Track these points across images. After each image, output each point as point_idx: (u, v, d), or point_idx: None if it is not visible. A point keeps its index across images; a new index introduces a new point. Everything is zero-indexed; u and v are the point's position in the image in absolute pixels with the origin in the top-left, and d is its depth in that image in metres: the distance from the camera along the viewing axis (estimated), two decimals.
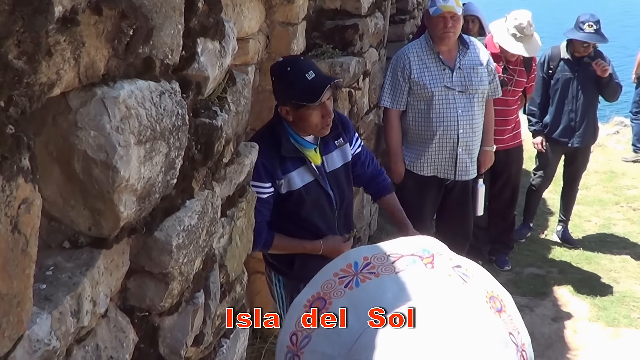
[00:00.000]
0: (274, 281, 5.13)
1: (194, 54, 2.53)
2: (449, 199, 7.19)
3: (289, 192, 4.73)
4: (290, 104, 4.59)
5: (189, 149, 2.53)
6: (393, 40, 10.25)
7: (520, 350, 1.48)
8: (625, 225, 10.80)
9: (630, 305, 8.26)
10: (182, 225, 2.48)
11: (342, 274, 1.53)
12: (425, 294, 1.46)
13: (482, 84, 6.86)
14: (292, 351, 1.48)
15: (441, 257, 1.56)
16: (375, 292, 1.47)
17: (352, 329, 1.42)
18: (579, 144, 9.06)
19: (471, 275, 1.55)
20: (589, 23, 8.66)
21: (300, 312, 1.51)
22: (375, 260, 1.54)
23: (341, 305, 1.48)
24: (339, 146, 4.97)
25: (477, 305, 1.48)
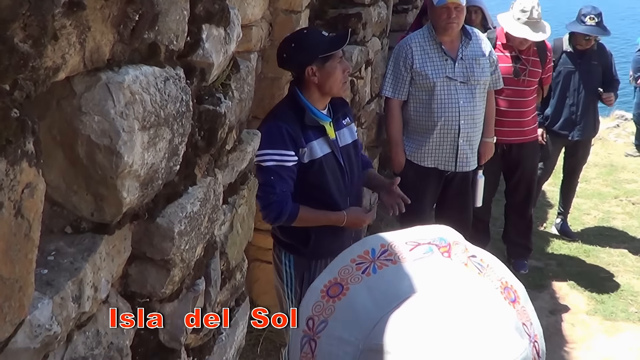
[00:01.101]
0: (283, 261, 5.12)
1: (198, 40, 2.52)
2: (449, 190, 7.17)
3: (311, 161, 4.82)
4: (317, 61, 4.74)
5: (193, 135, 2.53)
6: (396, 30, 10.23)
7: (533, 341, 1.48)
8: (624, 219, 10.80)
9: (628, 299, 8.26)
10: (184, 212, 2.48)
11: (359, 260, 1.53)
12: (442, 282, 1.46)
13: (484, 75, 6.85)
14: (309, 335, 1.47)
15: (457, 247, 1.55)
16: (393, 279, 1.47)
17: (370, 314, 1.41)
18: (580, 137, 9.05)
19: (486, 265, 1.55)
20: (590, 16, 8.65)
21: (318, 296, 1.51)
22: (392, 248, 1.54)
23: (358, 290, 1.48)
24: (347, 125, 5.13)
25: (492, 295, 1.48)
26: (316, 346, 1.46)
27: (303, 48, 4.82)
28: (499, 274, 1.54)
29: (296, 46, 4.83)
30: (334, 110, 5.02)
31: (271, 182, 4.61)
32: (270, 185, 4.61)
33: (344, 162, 5.01)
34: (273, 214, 4.70)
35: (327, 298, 1.49)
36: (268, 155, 4.62)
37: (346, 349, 1.40)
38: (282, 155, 4.65)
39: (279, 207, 4.68)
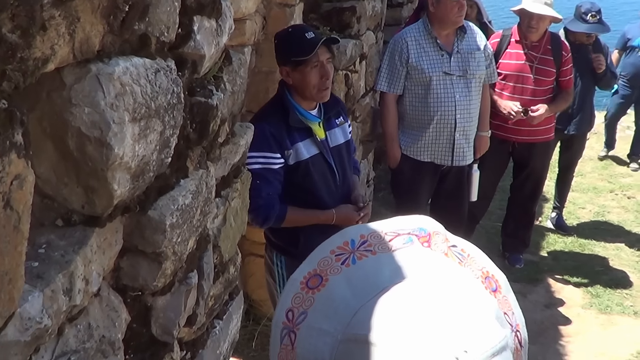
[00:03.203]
0: (275, 262, 5.13)
1: (190, 32, 2.51)
2: (445, 184, 7.18)
3: (297, 163, 4.81)
4: (290, 63, 4.76)
5: (184, 127, 2.52)
6: (391, 24, 10.22)
7: (515, 330, 1.48)
8: (619, 213, 10.83)
9: (623, 293, 8.29)
10: (176, 205, 2.47)
11: (339, 251, 1.53)
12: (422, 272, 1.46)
13: (479, 69, 6.85)
14: (288, 327, 1.47)
15: (437, 237, 1.55)
16: (372, 270, 1.47)
17: (349, 304, 1.41)
18: (575, 131, 9.05)
19: (467, 255, 1.55)
20: (591, 13, 8.63)
21: (297, 288, 1.51)
22: (372, 239, 1.54)
23: (338, 281, 1.47)
24: (340, 124, 5.12)
25: (473, 284, 1.48)
26: (296, 338, 1.46)
27: (280, 47, 4.86)
28: (480, 263, 1.54)
29: (277, 44, 4.88)
30: (325, 109, 5.01)
31: (257, 185, 4.54)
32: (256, 188, 4.52)
33: (334, 163, 5.01)
34: (260, 217, 4.71)
35: (307, 290, 1.49)
36: (253, 159, 4.58)
37: (325, 340, 1.40)
38: (268, 157, 4.66)
39: (266, 210, 4.69)
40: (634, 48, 12.34)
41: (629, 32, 12.55)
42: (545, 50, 7.84)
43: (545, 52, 7.83)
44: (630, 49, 12.40)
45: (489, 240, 9.19)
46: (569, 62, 7.96)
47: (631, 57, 12.40)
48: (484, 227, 9.35)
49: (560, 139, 9.13)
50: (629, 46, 12.43)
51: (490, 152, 7.59)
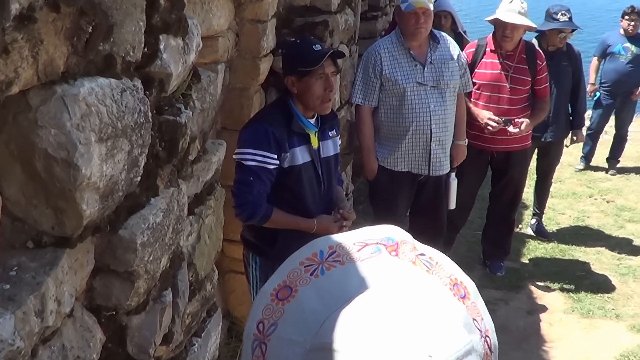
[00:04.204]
0: (250, 263, 5.19)
1: (156, 51, 2.51)
2: (423, 195, 7.17)
3: (291, 167, 4.89)
4: (296, 73, 4.84)
5: (153, 146, 2.52)
6: (365, 37, 10.25)
7: (484, 336, 1.49)
8: (599, 217, 10.88)
9: (604, 297, 8.31)
10: (146, 223, 2.47)
11: (308, 263, 1.55)
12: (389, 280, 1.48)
13: (453, 79, 6.86)
14: (259, 339, 1.49)
15: (405, 245, 1.57)
16: (340, 280, 1.49)
17: (318, 315, 1.43)
18: (552, 138, 9.09)
19: (435, 263, 1.57)
20: (562, 12, 8.71)
21: (267, 300, 1.52)
22: (340, 249, 1.56)
23: (307, 292, 1.49)
24: (332, 137, 5.22)
25: (441, 291, 1.50)
26: (267, 349, 1.47)
27: (287, 57, 4.97)
28: (448, 271, 1.55)
29: (284, 54, 5.03)
30: (322, 120, 5.09)
31: (250, 182, 4.71)
32: (248, 184, 4.71)
33: (322, 173, 5.09)
34: (246, 213, 4.79)
35: (277, 301, 1.51)
36: (251, 155, 4.71)
37: (295, 350, 1.42)
38: (265, 157, 4.74)
39: (253, 207, 4.76)
40: (614, 54, 12.42)
41: (609, 39, 12.63)
42: (520, 59, 7.85)
43: (520, 61, 7.85)
44: (611, 56, 12.48)
45: (470, 249, 9.22)
46: (544, 71, 7.99)
47: (612, 64, 12.48)
48: (464, 236, 9.36)
49: (537, 147, 9.17)
50: (609, 52, 12.51)
51: (469, 162, 7.61)
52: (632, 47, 12.26)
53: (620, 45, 12.34)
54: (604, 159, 13.18)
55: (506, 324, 7.56)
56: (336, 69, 5.01)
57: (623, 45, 12.32)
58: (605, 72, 12.63)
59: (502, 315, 7.73)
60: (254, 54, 5.36)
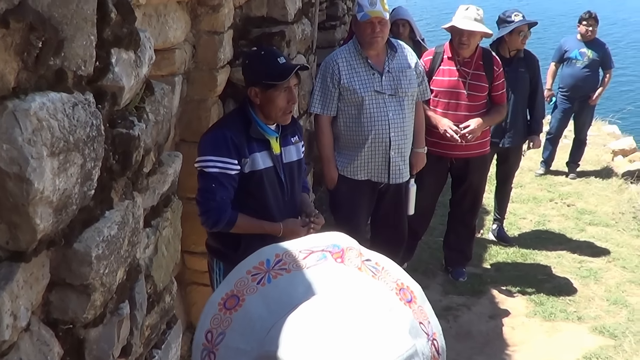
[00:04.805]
0: (214, 269, 5.25)
1: (108, 65, 2.52)
2: (383, 203, 7.21)
3: (252, 172, 4.94)
4: (260, 85, 4.91)
5: (107, 159, 2.52)
6: (324, 47, 10.29)
7: (432, 339, 1.52)
8: (559, 221, 10.98)
9: (566, 300, 8.39)
10: (101, 236, 2.47)
11: (254, 271, 1.57)
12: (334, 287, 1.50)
13: (411, 87, 6.90)
14: (208, 348, 1.51)
15: (351, 252, 1.59)
16: (287, 288, 1.51)
17: (265, 323, 1.45)
18: (510, 144, 9.17)
19: (381, 268, 1.59)
20: (514, 13, 8.88)
21: (215, 310, 1.54)
22: (286, 257, 1.58)
23: (254, 301, 1.51)
24: (295, 143, 5.28)
25: (386, 296, 1.52)
26: (215, 358, 1.49)
27: (251, 68, 5.01)
28: (394, 275, 1.58)
29: (248, 64, 5.04)
30: (283, 126, 5.14)
31: (212, 188, 4.77)
32: (211, 191, 4.77)
33: (285, 178, 5.14)
34: (211, 220, 4.84)
35: (224, 310, 1.52)
36: (212, 162, 4.78)
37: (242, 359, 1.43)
38: (226, 163, 4.80)
39: (217, 214, 4.81)
40: (571, 59, 12.53)
41: (566, 44, 12.74)
42: (478, 66, 7.91)
43: (477, 68, 7.90)
44: (568, 61, 12.58)
45: (432, 256, 9.27)
46: (501, 77, 8.05)
47: (569, 69, 12.58)
48: (426, 243, 9.42)
49: (496, 152, 9.24)
50: (566, 58, 12.61)
51: (428, 169, 7.65)
52: (588, 52, 12.38)
53: (577, 50, 12.45)
54: (564, 163, 13.31)
55: (469, 329, 7.61)
56: (298, 81, 5.06)
57: (580, 50, 12.44)
58: (562, 77, 12.75)
59: (465, 321, 7.78)
60: (211, 65, 5.37)
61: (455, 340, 7.35)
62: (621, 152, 14.80)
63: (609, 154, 14.67)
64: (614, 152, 14.75)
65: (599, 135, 16.16)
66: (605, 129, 16.96)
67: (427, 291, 8.02)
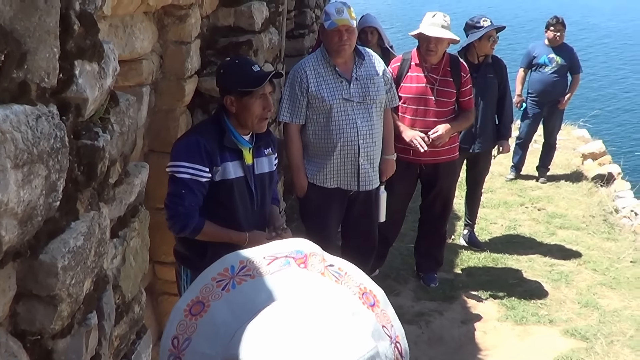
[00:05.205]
0: (182, 276, 5.27)
1: (71, 77, 2.52)
2: (353, 210, 7.23)
3: (222, 180, 4.98)
4: (235, 93, 4.98)
5: (72, 170, 2.52)
6: (293, 55, 10.31)
7: (394, 342, 1.54)
8: (530, 225, 11.06)
9: (538, 303, 8.46)
10: (67, 247, 2.47)
11: (219, 278, 1.59)
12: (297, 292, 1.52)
13: (379, 94, 6.93)
14: (174, 354, 1.53)
15: (314, 257, 1.62)
16: (251, 293, 1.53)
17: (229, 327, 1.47)
18: (480, 149, 9.24)
19: (344, 273, 1.61)
20: (482, 19, 8.96)
21: (181, 316, 1.56)
22: (250, 264, 1.60)
23: (219, 306, 1.53)
24: (268, 155, 5.32)
25: (349, 300, 1.54)
26: None
27: (226, 77, 5.07)
28: (357, 280, 1.60)
29: (223, 73, 5.10)
30: (257, 137, 5.19)
31: (182, 194, 4.79)
32: (180, 196, 4.80)
33: (255, 189, 5.16)
34: (178, 225, 4.86)
35: (190, 316, 1.54)
36: (183, 168, 4.81)
37: None
38: (197, 170, 4.84)
39: (185, 219, 4.84)
40: (540, 65, 12.60)
41: (534, 50, 12.83)
42: (445, 72, 7.96)
43: (445, 74, 7.95)
44: (537, 66, 12.66)
45: (404, 262, 9.31)
46: (469, 83, 8.11)
47: (538, 74, 12.67)
48: (397, 249, 9.45)
49: (465, 158, 9.30)
50: (534, 64, 12.69)
51: (398, 175, 7.67)
52: (557, 57, 12.48)
53: (546, 56, 12.55)
54: (534, 167, 13.39)
55: (441, 335, 7.65)
56: (273, 88, 5.15)
57: (548, 56, 12.54)
58: (531, 82, 12.84)
59: (437, 326, 7.81)
60: (178, 75, 5.38)
61: (427, 345, 7.39)
62: (591, 155, 14.90)
63: (578, 157, 14.77)
64: (584, 155, 14.85)
65: (568, 139, 16.27)
66: (574, 133, 17.07)
67: (399, 297, 8.13)
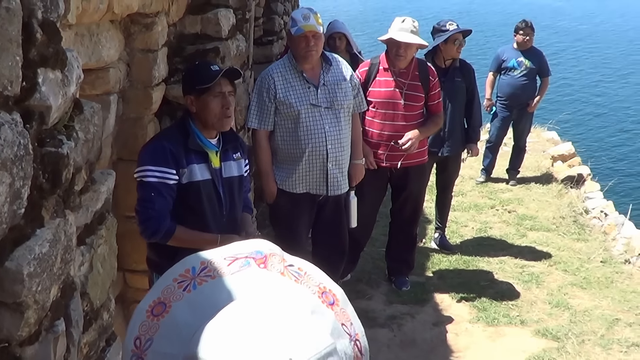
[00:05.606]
0: (154, 282, 5.19)
1: (35, 84, 2.52)
2: (323, 215, 7.24)
3: (189, 183, 4.98)
4: (194, 92, 5.03)
5: (36, 178, 2.53)
6: (262, 62, 10.32)
7: (354, 339, 1.56)
8: (501, 227, 11.12)
9: (509, 304, 8.50)
10: (32, 254, 2.48)
11: (181, 279, 1.61)
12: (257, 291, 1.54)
13: (347, 99, 6.95)
14: (137, 354, 1.54)
15: (274, 258, 1.64)
16: (211, 293, 1.55)
17: (190, 327, 1.49)
18: (449, 152, 9.28)
19: (304, 273, 1.63)
20: (449, 22, 9.01)
21: (143, 317, 1.57)
22: (211, 265, 1.62)
23: (180, 307, 1.55)
24: (237, 159, 5.35)
25: (308, 299, 1.56)
26: None
27: (186, 78, 5.18)
28: (317, 280, 1.62)
29: (184, 75, 5.24)
30: (224, 141, 5.22)
31: (151, 197, 4.79)
32: (150, 200, 4.80)
33: (223, 193, 5.15)
34: (150, 229, 4.85)
35: (152, 317, 1.56)
36: (150, 172, 4.81)
37: None
38: (164, 172, 4.85)
39: (156, 223, 4.82)
40: (509, 69, 12.67)
41: (504, 54, 12.88)
42: (414, 76, 8.00)
43: (413, 78, 7.99)
44: (506, 70, 12.72)
45: (375, 266, 9.34)
46: (437, 87, 8.15)
47: (507, 78, 12.72)
48: (369, 253, 9.47)
49: (435, 162, 9.35)
50: (504, 67, 12.75)
51: (368, 180, 7.70)
52: (526, 61, 12.55)
53: (515, 59, 12.61)
54: (504, 170, 13.44)
55: (413, 337, 7.68)
56: (233, 88, 5.15)
57: (517, 59, 12.60)
58: (501, 86, 12.89)
59: (409, 329, 7.84)
60: (146, 83, 5.39)
61: (399, 348, 7.41)
62: (560, 157, 14.97)
63: (548, 159, 14.84)
64: (554, 157, 14.92)
65: (538, 141, 16.35)
66: (544, 135, 17.15)
67: (371, 301, 8.16)
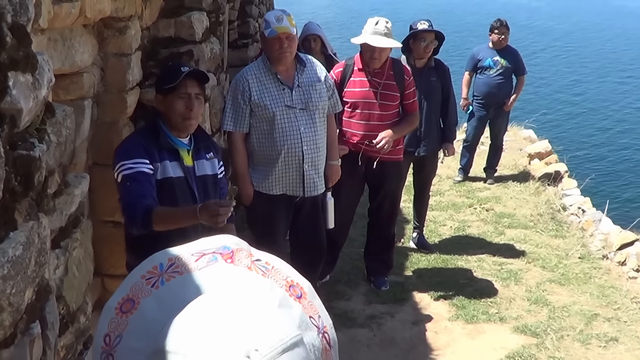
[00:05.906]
0: None
1: (5, 88, 2.53)
2: (300, 216, 7.24)
3: (164, 179, 4.98)
4: (162, 91, 5.07)
5: (8, 181, 2.53)
6: (237, 65, 10.32)
7: (322, 332, 1.58)
8: (479, 225, 11.14)
9: (488, 302, 8.51)
10: (6, 257, 2.48)
11: (149, 276, 1.62)
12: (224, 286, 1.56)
13: (321, 100, 6.96)
14: (107, 351, 1.55)
15: (241, 253, 1.65)
16: (179, 289, 1.56)
17: (158, 322, 1.50)
18: (425, 152, 9.28)
19: (271, 267, 1.65)
20: (420, 22, 8.97)
21: (112, 314, 1.59)
22: (178, 261, 1.63)
23: (148, 303, 1.56)
24: (210, 159, 5.35)
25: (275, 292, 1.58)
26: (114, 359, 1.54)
27: (157, 78, 5.28)
28: (284, 274, 1.64)
29: (157, 75, 5.34)
30: (195, 140, 5.24)
31: (127, 187, 4.77)
32: (127, 189, 4.77)
33: (197, 190, 5.15)
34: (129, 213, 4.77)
35: (121, 314, 1.58)
36: (125, 166, 4.80)
37: (139, 358, 1.49)
38: (136, 162, 4.82)
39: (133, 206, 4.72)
40: (485, 68, 12.70)
41: (479, 53, 12.89)
42: (388, 76, 8.00)
43: (388, 78, 8.00)
44: (482, 69, 12.75)
45: (354, 267, 9.33)
46: (412, 86, 8.16)
47: (483, 77, 12.75)
48: (347, 254, 9.47)
49: (412, 161, 9.36)
50: (479, 67, 12.78)
51: (345, 180, 7.70)
52: (501, 60, 12.58)
53: (490, 59, 12.64)
54: (482, 169, 13.47)
55: (393, 337, 7.68)
56: (201, 90, 5.16)
57: (493, 58, 12.63)
58: (477, 85, 12.92)
59: (388, 328, 7.85)
60: (120, 87, 5.40)
61: (379, 348, 7.42)
62: (537, 155, 15.01)
63: (525, 157, 14.87)
64: (531, 155, 14.95)
65: (515, 140, 16.40)
66: (521, 134, 17.18)
67: (350, 302, 8.17)
